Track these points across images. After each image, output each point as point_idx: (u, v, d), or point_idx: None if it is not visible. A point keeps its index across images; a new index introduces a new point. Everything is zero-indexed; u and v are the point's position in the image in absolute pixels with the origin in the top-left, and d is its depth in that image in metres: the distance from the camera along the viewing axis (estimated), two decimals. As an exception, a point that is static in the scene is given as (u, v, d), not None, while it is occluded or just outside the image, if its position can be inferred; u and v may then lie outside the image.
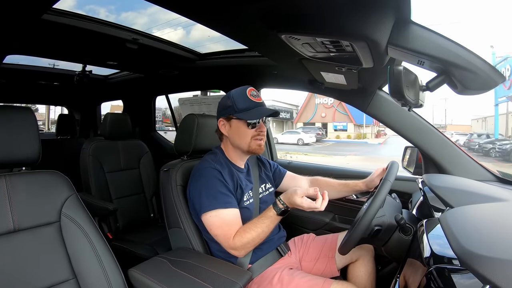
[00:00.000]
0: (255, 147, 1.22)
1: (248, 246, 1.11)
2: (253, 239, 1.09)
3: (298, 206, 1.05)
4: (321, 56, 1.02)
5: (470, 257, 0.51)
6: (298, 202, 1.04)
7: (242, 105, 1.18)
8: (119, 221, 2.09)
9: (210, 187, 1.14)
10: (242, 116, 1.18)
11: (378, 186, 1.06)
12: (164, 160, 1.61)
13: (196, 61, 1.92)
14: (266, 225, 1.09)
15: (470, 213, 0.76)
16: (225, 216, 1.11)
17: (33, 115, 0.99)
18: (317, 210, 1.04)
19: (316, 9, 0.72)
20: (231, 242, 1.10)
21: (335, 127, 26.23)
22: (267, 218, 1.09)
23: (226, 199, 1.13)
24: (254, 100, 1.19)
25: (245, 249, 1.11)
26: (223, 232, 1.11)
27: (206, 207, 1.12)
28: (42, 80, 2.61)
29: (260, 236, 1.10)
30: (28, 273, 0.89)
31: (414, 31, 0.76)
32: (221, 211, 1.11)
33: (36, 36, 1.40)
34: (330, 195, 1.45)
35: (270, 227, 1.10)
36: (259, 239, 1.10)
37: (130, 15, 3.23)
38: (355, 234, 0.96)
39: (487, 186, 1.15)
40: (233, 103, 1.19)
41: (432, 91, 0.89)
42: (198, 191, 1.16)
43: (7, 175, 0.93)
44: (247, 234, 1.09)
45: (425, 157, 1.44)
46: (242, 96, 1.20)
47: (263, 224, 1.09)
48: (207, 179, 1.15)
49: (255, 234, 1.08)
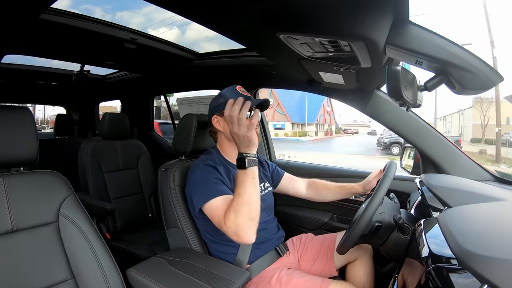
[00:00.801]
0: None
1: (241, 219, 0.98)
2: (238, 205, 0.98)
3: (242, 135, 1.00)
4: (319, 56, 1.02)
5: (468, 256, 0.51)
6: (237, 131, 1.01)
7: (233, 98, 1.19)
8: (117, 221, 2.08)
9: (203, 180, 1.13)
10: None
11: (378, 182, 1.06)
12: (162, 160, 1.61)
13: (194, 61, 1.91)
14: (240, 189, 0.99)
15: (468, 213, 0.76)
16: (219, 204, 1.07)
17: (31, 115, 0.99)
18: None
19: (315, 9, 0.72)
20: (225, 220, 1.01)
21: (275, 126, 29.34)
22: (236, 181, 1.02)
23: (218, 188, 1.10)
24: (244, 94, 1.21)
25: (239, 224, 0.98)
26: (220, 219, 1.04)
27: (202, 201, 1.10)
28: (40, 80, 2.61)
29: (245, 201, 0.98)
30: (26, 274, 0.89)
31: (412, 31, 0.77)
32: (214, 200, 1.07)
33: (34, 35, 1.39)
34: (327, 198, 1.47)
35: (246, 185, 0.99)
36: (248, 204, 0.98)
37: (125, 14, 3.23)
38: (356, 230, 0.96)
39: (485, 186, 1.15)
40: (225, 98, 1.20)
41: (430, 91, 0.89)
42: (192, 187, 1.16)
43: (5, 175, 0.93)
44: (232, 203, 1.00)
45: (423, 157, 1.44)
46: (232, 91, 1.22)
47: (238, 190, 1.00)
48: (200, 174, 1.15)
49: (238, 200, 0.99)
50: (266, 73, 1.84)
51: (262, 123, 2.12)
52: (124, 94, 3.12)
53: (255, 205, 1.00)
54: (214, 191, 1.09)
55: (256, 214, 1.00)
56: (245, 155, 1.01)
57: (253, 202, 0.99)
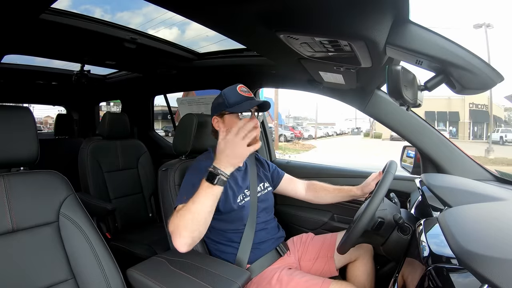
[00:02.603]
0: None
1: (178, 224, 0.93)
2: (185, 212, 0.93)
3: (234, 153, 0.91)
4: (319, 56, 1.02)
5: (469, 256, 0.51)
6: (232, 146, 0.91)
7: (233, 99, 1.20)
8: (118, 221, 2.09)
9: (190, 182, 1.10)
10: (233, 110, 1.19)
11: (380, 180, 1.05)
12: (162, 159, 1.61)
13: (195, 61, 1.91)
14: (196, 199, 0.93)
15: (468, 213, 0.76)
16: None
17: (31, 115, 0.99)
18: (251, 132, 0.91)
19: (315, 9, 0.72)
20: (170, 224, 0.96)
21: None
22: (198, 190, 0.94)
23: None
24: (244, 95, 1.21)
25: (175, 228, 0.94)
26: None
27: (178, 200, 1.06)
28: (40, 80, 2.60)
29: (193, 212, 0.92)
30: (27, 273, 0.89)
31: (413, 31, 0.76)
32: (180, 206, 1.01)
33: (34, 35, 1.39)
34: (325, 200, 1.47)
35: (201, 199, 0.92)
36: (191, 216, 0.92)
37: (125, 15, 3.23)
38: (360, 225, 0.94)
39: (485, 186, 1.15)
40: (225, 99, 1.21)
41: (430, 90, 0.89)
42: (181, 186, 1.16)
43: (5, 175, 0.93)
44: (181, 210, 0.95)
45: (424, 157, 1.44)
46: (232, 92, 1.22)
47: (194, 199, 0.93)
48: (191, 176, 1.15)
49: (186, 208, 0.93)
50: (266, 73, 1.84)
51: (262, 123, 2.12)
52: (124, 94, 3.12)
53: (197, 220, 0.93)
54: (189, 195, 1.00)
55: (193, 229, 0.93)
56: (220, 172, 0.92)
57: (197, 217, 0.93)
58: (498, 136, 17.89)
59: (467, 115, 22.32)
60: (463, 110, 22.02)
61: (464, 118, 21.46)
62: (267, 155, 2.18)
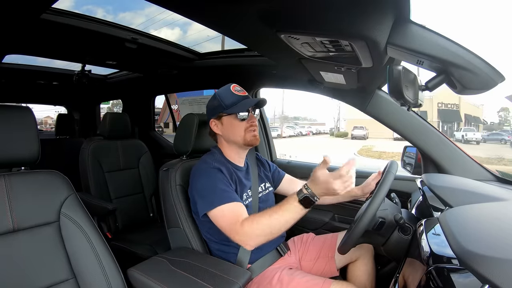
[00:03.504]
0: (251, 138, 1.22)
1: (257, 233, 1.00)
2: (264, 225, 0.99)
3: (332, 191, 0.96)
4: (320, 56, 1.02)
5: (469, 256, 0.51)
6: (335, 186, 0.95)
7: (229, 101, 1.20)
8: (119, 221, 2.09)
9: (211, 186, 1.12)
10: (231, 111, 1.20)
11: (381, 178, 1.05)
12: (163, 159, 1.61)
13: (195, 61, 1.92)
14: (281, 214, 0.99)
15: (469, 213, 0.76)
16: (229, 208, 1.08)
17: (32, 114, 0.99)
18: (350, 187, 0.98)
19: (316, 9, 0.72)
20: (239, 226, 1.02)
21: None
22: (285, 205, 1.00)
23: (228, 195, 1.11)
24: (239, 94, 1.21)
25: (253, 236, 1.01)
26: (229, 220, 1.05)
27: (210, 205, 1.10)
28: (41, 80, 2.61)
29: (273, 226, 0.99)
30: (28, 273, 0.89)
31: (414, 31, 0.76)
32: (224, 206, 1.08)
33: (35, 35, 1.39)
34: (325, 201, 1.46)
35: (287, 218, 0.99)
36: (270, 229, 1.00)
37: (127, 15, 3.24)
38: (361, 225, 0.94)
39: (486, 186, 1.15)
40: (220, 101, 1.21)
41: (431, 90, 0.88)
42: (200, 192, 1.15)
43: (6, 175, 0.93)
44: (260, 218, 1.01)
45: (424, 157, 1.44)
46: (227, 92, 1.22)
47: (279, 213, 1.00)
48: (208, 179, 1.14)
49: (267, 221, 0.99)
50: (267, 73, 1.84)
51: (262, 121, 2.12)
52: (125, 93, 3.12)
53: (276, 234, 1.02)
54: (225, 198, 1.09)
55: (267, 239, 1.02)
56: (316, 198, 0.99)
57: (276, 232, 1.01)
58: (460, 135, 19.30)
59: (435, 114, 22.60)
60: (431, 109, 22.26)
61: (432, 117, 21.62)
62: (267, 155, 2.18)
